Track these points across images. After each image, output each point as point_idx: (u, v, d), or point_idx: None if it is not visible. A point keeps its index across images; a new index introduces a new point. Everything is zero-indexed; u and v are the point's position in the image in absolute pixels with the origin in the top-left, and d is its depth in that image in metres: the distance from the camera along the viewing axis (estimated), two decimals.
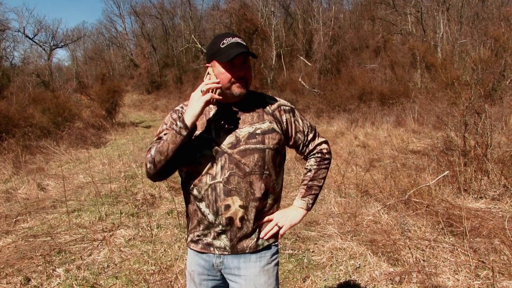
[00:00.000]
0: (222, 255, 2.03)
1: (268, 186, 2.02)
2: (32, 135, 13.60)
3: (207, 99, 1.88)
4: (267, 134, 1.98)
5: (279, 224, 2.07)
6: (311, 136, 2.14)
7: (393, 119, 15.98)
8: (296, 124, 2.10)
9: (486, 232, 4.68)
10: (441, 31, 23.93)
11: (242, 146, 1.94)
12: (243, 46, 1.90)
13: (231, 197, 1.95)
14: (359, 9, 39.76)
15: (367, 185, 7.08)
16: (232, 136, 1.96)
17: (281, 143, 2.04)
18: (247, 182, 1.95)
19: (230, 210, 1.95)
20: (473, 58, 17.63)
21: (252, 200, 1.98)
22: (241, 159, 1.94)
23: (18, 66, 31.69)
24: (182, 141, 1.88)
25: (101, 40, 60.96)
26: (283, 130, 2.05)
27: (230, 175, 1.93)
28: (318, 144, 2.16)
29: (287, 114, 2.08)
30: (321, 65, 26.80)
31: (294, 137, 2.10)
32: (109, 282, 4.15)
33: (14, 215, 6.38)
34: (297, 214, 2.13)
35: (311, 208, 2.17)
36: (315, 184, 2.14)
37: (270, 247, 2.08)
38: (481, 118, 7.48)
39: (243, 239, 2.01)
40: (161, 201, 7.02)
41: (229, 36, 1.93)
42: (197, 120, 1.91)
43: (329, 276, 4.15)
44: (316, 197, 2.17)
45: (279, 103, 2.09)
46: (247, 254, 2.03)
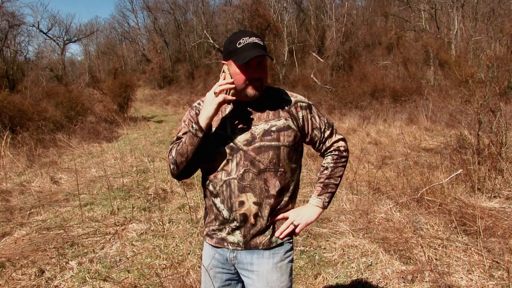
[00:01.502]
0: (235, 250, 2.04)
1: (283, 183, 2.01)
2: (45, 128, 13.68)
3: (219, 101, 1.89)
4: (283, 131, 1.97)
5: (295, 223, 2.05)
6: (328, 133, 2.11)
7: (406, 117, 15.88)
8: (313, 121, 2.07)
9: (501, 232, 4.63)
10: (455, 28, 23.71)
11: (257, 143, 1.94)
12: (260, 46, 1.89)
13: (245, 194, 1.95)
14: (372, 5, 39.61)
15: (379, 182, 7.04)
16: (248, 133, 1.96)
17: (296, 140, 2.02)
18: (262, 179, 1.95)
19: (244, 207, 1.96)
20: (488, 55, 17.45)
21: (266, 197, 1.97)
22: (256, 156, 1.93)
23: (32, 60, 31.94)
24: (199, 142, 1.93)
25: (114, 35, 61.33)
26: (299, 127, 2.03)
27: (244, 171, 1.94)
28: (335, 142, 2.13)
29: (303, 110, 2.04)
30: (333, 61, 26.75)
31: (311, 134, 2.08)
32: (121, 276, 4.18)
33: (28, 208, 6.43)
34: (313, 213, 2.11)
35: (327, 206, 2.14)
36: (331, 182, 2.11)
37: (284, 244, 2.07)
38: (496, 117, 7.40)
39: (257, 236, 2.01)
40: (173, 195, 7.03)
41: (246, 36, 1.90)
42: (211, 121, 1.94)
43: (340, 273, 4.13)
44: (333, 195, 2.14)
45: (296, 99, 2.06)
46: (260, 250, 2.02)
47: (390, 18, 33.24)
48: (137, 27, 56.90)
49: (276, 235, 2.04)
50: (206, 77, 36.43)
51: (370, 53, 29.45)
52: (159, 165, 8.66)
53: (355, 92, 21.43)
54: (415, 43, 26.42)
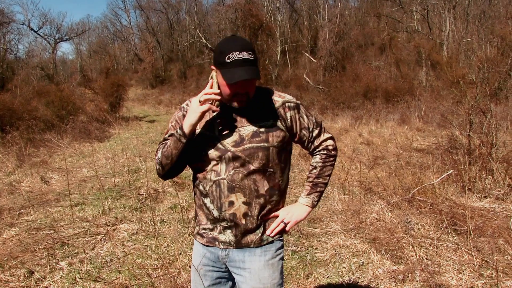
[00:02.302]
0: (227, 248, 2.07)
1: (273, 183, 2.04)
2: (36, 128, 13.60)
3: (203, 110, 1.90)
4: (271, 132, 1.98)
5: (285, 221, 2.08)
6: (316, 133, 2.11)
7: (398, 117, 15.94)
8: (301, 121, 2.07)
9: (490, 232, 4.66)
10: (447, 29, 23.85)
11: (247, 144, 1.95)
12: (250, 63, 1.85)
13: (235, 194, 1.98)
14: (365, 6, 39.75)
15: (371, 182, 7.06)
16: (236, 135, 1.97)
17: (285, 140, 2.04)
18: (251, 179, 1.97)
19: (233, 207, 1.99)
20: (479, 57, 17.57)
21: (256, 197, 2.00)
22: (245, 157, 1.95)
23: (22, 59, 31.78)
24: (183, 147, 1.97)
25: (106, 34, 61.09)
26: (288, 127, 2.04)
27: (234, 172, 1.96)
28: (324, 141, 2.13)
29: (291, 111, 2.04)
30: (326, 61, 26.81)
31: (299, 133, 2.08)
32: (112, 276, 4.16)
33: (17, 208, 6.38)
34: (302, 211, 2.14)
35: (316, 205, 2.18)
36: (320, 181, 2.13)
37: (275, 242, 2.10)
38: (487, 117, 7.44)
39: (248, 234, 2.03)
40: (165, 195, 7.01)
41: (236, 49, 1.83)
42: (195, 128, 1.96)
43: (332, 273, 4.14)
44: (322, 194, 2.17)
45: (284, 100, 2.06)
46: (252, 248, 2.05)
47: (382, 19, 33.38)
48: (130, 26, 56.77)
49: (267, 233, 2.07)
50: (199, 77, 36.42)
51: (363, 53, 29.55)
52: (150, 165, 8.63)
53: (348, 92, 21.48)
54: (408, 44, 26.56)
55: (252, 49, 1.88)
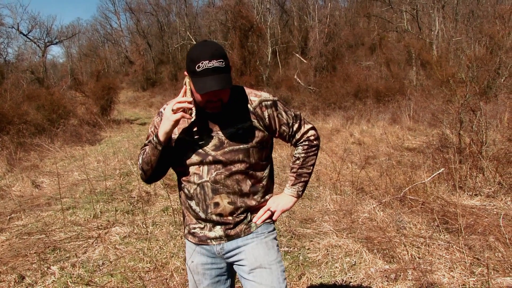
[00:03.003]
0: (220, 243, 2.09)
1: (255, 181, 2.09)
2: (26, 132, 13.55)
3: (177, 119, 1.91)
4: (250, 133, 2.01)
5: (271, 209, 2.14)
6: (296, 126, 2.14)
7: (389, 117, 16.01)
8: (280, 118, 2.09)
9: (481, 229, 4.68)
10: (436, 29, 23.98)
11: (227, 148, 1.98)
12: (220, 70, 1.83)
13: (219, 195, 2.01)
14: (355, 6, 39.87)
15: (363, 182, 7.08)
16: (215, 139, 1.99)
17: (264, 139, 2.06)
18: (234, 180, 2.01)
19: (219, 207, 2.03)
20: (468, 56, 17.67)
21: (240, 196, 2.04)
22: (226, 160, 1.98)
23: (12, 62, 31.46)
24: (160, 154, 2.00)
25: (96, 37, 60.75)
26: (266, 126, 2.05)
27: (216, 174, 1.99)
28: (305, 132, 2.16)
29: (269, 109, 2.06)
30: (316, 62, 26.86)
31: (279, 130, 2.11)
32: (104, 280, 4.14)
33: (8, 213, 6.34)
34: (288, 201, 2.20)
35: (301, 195, 2.24)
36: (304, 171, 2.18)
37: (265, 224, 2.14)
38: (476, 116, 7.49)
39: (236, 226, 2.07)
40: (156, 198, 6.99)
41: (206, 58, 1.81)
42: (170, 135, 1.98)
43: (324, 273, 4.15)
44: (306, 183, 2.23)
45: (261, 99, 2.06)
46: (244, 236, 2.09)
47: (372, 19, 33.50)
48: (120, 29, 56.54)
49: (254, 221, 2.11)
50: None
51: (353, 53, 29.65)
52: None
53: (339, 92, 21.54)
54: (398, 44, 26.67)
55: (223, 55, 1.85)
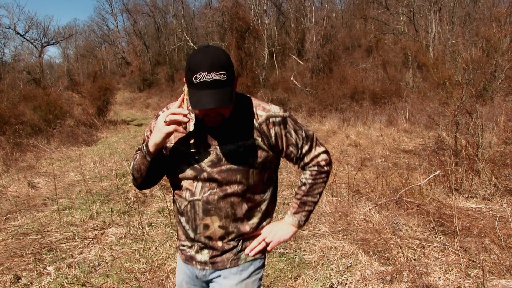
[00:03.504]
0: (204, 269, 1.94)
1: (252, 205, 1.89)
2: (23, 132, 13.53)
3: (168, 132, 1.71)
4: (251, 152, 1.79)
5: (267, 240, 1.95)
6: (306, 148, 1.90)
7: (385, 119, 16.04)
8: (288, 137, 1.86)
9: (477, 232, 4.70)
10: (433, 31, 24.05)
11: (224, 166, 1.78)
12: (220, 84, 1.62)
13: (210, 217, 1.84)
14: (352, 8, 39.88)
15: (359, 184, 7.10)
16: (213, 154, 1.79)
17: (268, 159, 1.85)
18: (228, 202, 1.82)
19: (209, 230, 1.86)
20: (464, 58, 17.72)
21: (233, 221, 1.86)
22: (222, 179, 1.78)
23: (8, 63, 31.42)
24: (150, 164, 1.83)
25: (93, 37, 60.64)
26: (271, 145, 1.83)
27: (210, 194, 1.81)
28: (316, 156, 1.92)
29: (276, 127, 1.83)
30: (313, 64, 26.88)
31: (286, 150, 1.89)
32: (100, 281, 4.14)
33: (4, 213, 6.33)
34: (287, 231, 1.98)
35: (303, 225, 2.01)
36: (309, 199, 1.95)
37: (255, 261, 1.96)
38: (472, 118, 7.52)
39: (224, 254, 1.90)
40: (153, 199, 6.99)
41: (205, 69, 1.60)
42: (160, 147, 1.79)
43: (320, 275, 4.15)
44: (310, 213, 1.99)
45: (268, 115, 1.83)
46: (230, 268, 1.91)
47: (369, 21, 33.55)
48: (117, 30, 56.42)
49: (246, 252, 1.92)
50: None
51: (350, 55, 29.66)
52: None
53: (335, 94, 21.57)
54: (394, 46, 26.70)
55: (225, 66, 1.63)
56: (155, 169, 1.87)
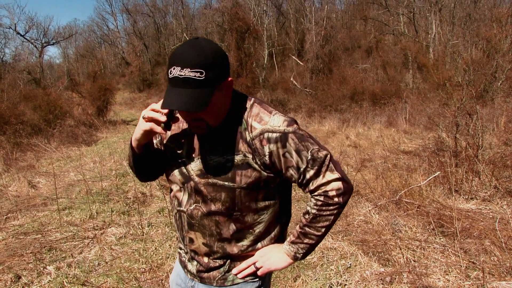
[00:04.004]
0: (193, 280, 1.79)
1: (242, 226, 1.64)
2: (23, 132, 13.54)
3: (145, 129, 1.55)
4: (239, 170, 1.54)
5: (257, 264, 1.68)
6: (311, 174, 1.54)
7: (385, 119, 16.05)
8: (287, 158, 1.52)
9: (477, 233, 4.71)
10: (433, 32, 24.06)
11: (210, 179, 1.57)
12: (192, 84, 1.40)
13: (194, 232, 1.68)
14: (351, 9, 39.90)
15: (358, 185, 7.09)
16: (201, 163, 1.60)
17: (262, 179, 1.57)
18: (212, 220, 1.62)
19: (194, 244, 1.71)
20: (465, 59, 17.74)
21: (218, 241, 1.65)
22: (207, 194, 1.59)
23: (9, 63, 31.40)
24: (136, 158, 1.69)
25: (93, 37, 60.60)
26: (265, 165, 1.54)
27: (194, 208, 1.64)
28: (323, 184, 1.55)
29: (271, 144, 1.51)
30: (313, 64, 26.90)
31: (285, 173, 1.57)
32: (99, 280, 4.14)
33: (4, 213, 6.33)
34: (281, 260, 1.68)
35: (300, 258, 1.68)
36: (311, 232, 1.61)
37: (246, 284, 1.72)
38: (473, 119, 7.53)
39: (210, 271, 1.72)
40: (152, 199, 6.99)
41: (179, 63, 1.40)
42: (142, 144, 1.63)
43: (320, 276, 4.15)
44: (313, 247, 1.66)
45: (264, 129, 1.52)
46: (216, 287, 1.73)
47: (369, 22, 33.57)
48: (117, 30, 56.42)
49: (233, 273, 1.70)
50: None
51: (350, 56, 29.67)
52: None
53: (335, 95, 21.57)
54: (394, 47, 26.70)
55: (204, 64, 1.40)
56: (145, 164, 1.73)
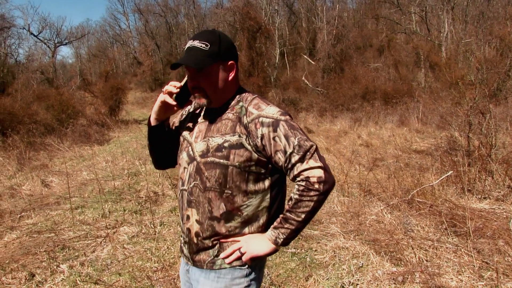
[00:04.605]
0: (188, 263, 1.94)
1: (231, 207, 1.78)
2: (36, 131, 13.66)
3: (161, 100, 1.89)
4: (234, 149, 1.74)
5: (241, 250, 1.79)
6: (296, 159, 1.69)
7: (397, 119, 15.96)
8: (277, 142, 1.70)
9: (490, 233, 4.67)
10: (445, 30, 23.89)
11: (209, 157, 1.77)
12: (196, 50, 1.75)
13: (191, 209, 1.84)
14: (363, 8, 39.78)
15: (370, 184, 7.07)
16: (205, 144, 1.81)
17: (252, 161, 1.75)
18: (206, 198, 1.79)
19: (189, 222, 1.85)
20: (477, 58, 17.59)
21: (209, 218, 1.79)
22: (205, 171, 1.78)
23: (22, 63, 31.70)
24: (149, 134, 2.02)
25: (105, 37, 61.03)
26: (257, 146, 1.73)
27: (194, 186, 1.82)
28: (305, 170, 1.69)
29: (264, 128, 1.72)
30: (324, 64, 26.84)
31: (273, 157, 1.73)
32: (112, 279, 4.16)
33: (18, 211, 6.40)
34: (263, 245, 1.80)
35: (281, 244, 1.78)
36: (291, 217, 1.72)
37: (234, 269, 1.82)
38: (486, 118, 7.46)
39: (200, 252, 1.85)
40: (164, 198, 7.02)
41: (192, 39, 1.79)
42: (158, 117, 1.96)
43: (331, 275, 4.15)
44: (294, 233, 1.76)
45: (260, 114, 1.75)
46: (207, 270, 1.84)
47: (381, 21, 33.42)
48: (129, 30, 56.74)
49: (221, 256, 1.82)
50: None
51: (361, 55, 29.56)
52: (150, 168, 8.63)
53: (347, 94, 21.50)
54: (406, 46, 26.58)
55: (211, 40, 1.76)
56: (160, 143, 2.03)
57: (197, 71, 1.77)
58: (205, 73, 1.78)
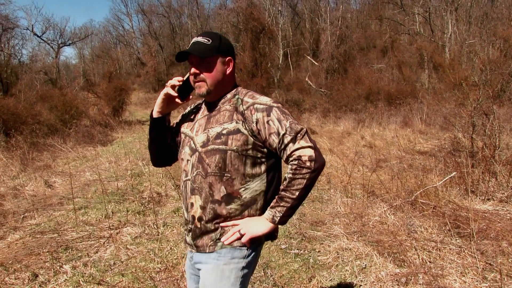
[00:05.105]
0: (191, 251, 2.09)
1: (230, 189, 1.94)
2: (39, 132, 13.68)
3: (164, 92, 2.08)
4: (231, 134, 1.91)
5: (241, 232, 1.94)
6: (288, 139, 1.86)
7: (400, 120, 15.93)
8: (270, 125, 1.88)
9: (494, 234, 4.65)
10: (449, 31, 23.83)
11: (210, 146, 1.95)
12: (199, 44, 1.97)
13: (194, 196, 2.00)
14: (367, 9, 39.72)
15: (374, 185, 7.05)
16: (205, 135, 1.99)
17: (248, 145, 1.91)
18: (207, 183, 1.94)
19: (193, 209, 2.01)
20: (481, 59, 17.52)
21: (211, 202, 1.95)
22: (206, 159, 1.94)
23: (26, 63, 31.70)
24: (151, 126, 2.17)
25: (108, 38, 61.07)
26: (253, 130, 1.91)
27: (196, 174, 1.98)
28: (297, 149, 1.86)
29: (259, 113, 1.90)
30: (328, 64, 26.82)
31: (268, 139, 1.90)
32: (115, 279, 4.17)
33: (21, 212, 6.41)
34: (261, 225, 1.94)
35: (279, 222, 1.92)
36: (286, 195, 1.88)
37: (234, 249, 1.96)
38: (489, 119, 7.43)
39: (203, 236, 2.00)
40: (167, 199, 7.02)
41: (195, 36, 2.03)
42: (160, 110, 2.14)
43: (335, 276, 4.14)
44: (289, 210, 1.90)
45: (254, 101, 1.95)
46: (209, 253, 1.99)
47: (384, 22, 33.36)
48: (132, 31, 56.80)
49: (222, 240, 1.96)
50: None
51: (365, 56, 29.55)
52: (153, 169, 8.63)
53: (350, 95, 21.48)
54: (410, 47, 26.53)
55: (213, 36, 2.01)
56: (160, 138, 2.19)
57: (199, 61, 1.97)
58: (206, 63, 1.98)
